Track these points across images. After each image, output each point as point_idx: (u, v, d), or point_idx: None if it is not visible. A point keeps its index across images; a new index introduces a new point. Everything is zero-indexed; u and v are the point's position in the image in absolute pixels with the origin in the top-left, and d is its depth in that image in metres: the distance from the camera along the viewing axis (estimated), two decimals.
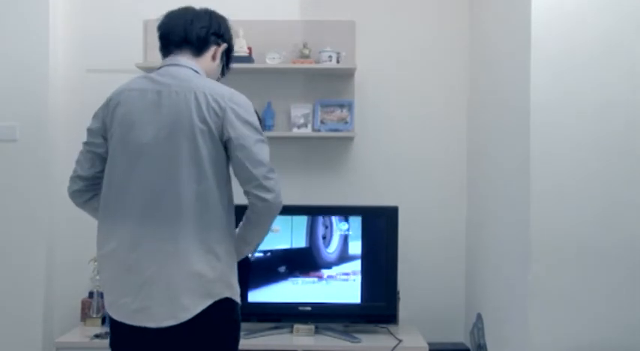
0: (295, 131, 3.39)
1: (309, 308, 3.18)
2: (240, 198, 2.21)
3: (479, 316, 3.16)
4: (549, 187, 2.53)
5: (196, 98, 1.93)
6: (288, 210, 3.21)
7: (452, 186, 3.49)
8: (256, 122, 2.01)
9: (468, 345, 3.28)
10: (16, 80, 3.25)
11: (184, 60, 2.05)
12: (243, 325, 3.13)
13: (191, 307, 1.89)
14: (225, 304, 1.95)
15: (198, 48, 2.08)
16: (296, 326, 3.15)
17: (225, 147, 1.96)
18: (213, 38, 2.12)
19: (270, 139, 3.40)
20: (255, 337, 3.10)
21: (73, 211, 2.20)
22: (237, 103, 1.98)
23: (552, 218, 2.53)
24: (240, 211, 3.23)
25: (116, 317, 1.95)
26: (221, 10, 2.87)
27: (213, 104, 1.93)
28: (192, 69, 2.04)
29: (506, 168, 2.84)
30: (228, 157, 1.98)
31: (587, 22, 2.53)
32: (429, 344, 3.04)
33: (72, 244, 3.37)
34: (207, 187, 1.92)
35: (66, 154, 3.38)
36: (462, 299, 3.47)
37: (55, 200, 3.34)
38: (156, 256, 1.90)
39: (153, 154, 1.92)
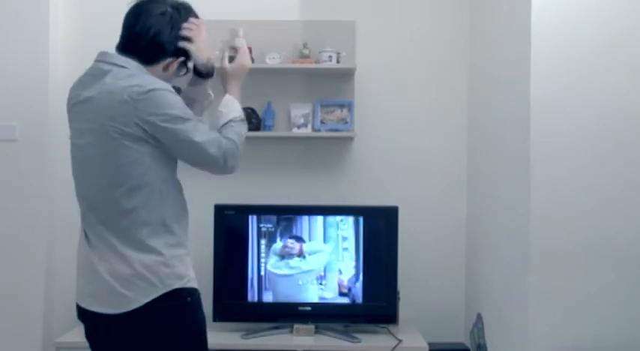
0: (295, 131, 3.39)
1: (309, 308, 3.18)
2: (244, 198, 2.21)
3: (479, 316, 3.16)
4: (549, 188, 2.53)
5: (110, 101, 1.87)
6: (289, 210, 3.25)
7: (452, 186, 3.49)
8: (172, 112, 1.89)
9: (468, 345, 3.28)
10: (16, 80, 3.25)
11: (116, 57, 1.97)
12: (244, 325, 3.18)
13: (133, 298, 1.89)
14: (175, 294, 1.93)
15: (145, 60, 1.97)
16: (296, 326, 3.15)
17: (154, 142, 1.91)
18: (166, 53, 1.98)
19: (270, 139, 3.45)
20: (255, 337, 3.10)
21: (73, 211, 2.20)
22: (150, 102, 1.88)
23: (552, 219, 2.53)
24: (247, 211, 3.24)
25: (76, 299, 2.02)
26: (222, 11, 2.87)
27: (125, 106, 1.85)
28: (117, 65, 1.94)
29: (507, 169, 2.84)
30: (159, 153, 1.93)
31: (588, 19, 2.53)
32: (429, 344, 3.04)
33: (72, 243, 3.32)
34: (130, 188, 1.89)
35: (66, 154, 3.38)
36: (462, 299, 3.47)
37: (55, 200, 3.34)
38: (99, 252, 1.94)
39: (86, 161, 1.96)
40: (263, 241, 3.19)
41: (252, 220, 3.20)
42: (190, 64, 2.09)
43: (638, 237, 2.52)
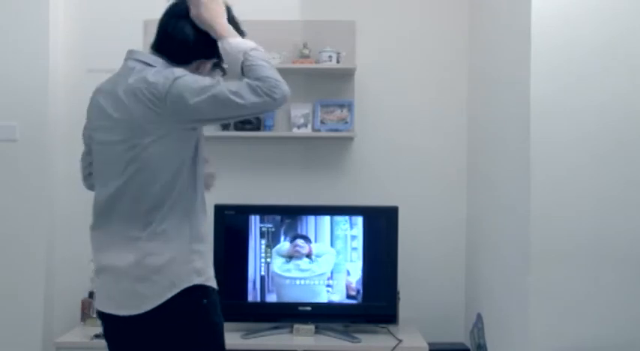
0: (295, 131, 3.39)
1: (309, 308, 3.18)
2: (244, 198, 2.20)
3: (479, 316, 3.16)
4: (549, 188, 2.53)
5: (136, 98, 1.85)
6: (288, 210, 3.25)
7: (452, 186, 3.49)
8: (197, 86, 1.83)
9: (468, 345, 3.28)
10: (16, 80, 3.25)
11: (142, 55, 1.95)
12: (244, 325, 3.18)
13: (151, 298, 1.86)
14: (192, 294, 1.90)
15: (175, 60, 1.94)
16: (296, 326, 3.15)
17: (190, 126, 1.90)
18: (198, 54, 1.96)
19: (270, 139, 3.45)
20: (255, 337, 3.10)
21: (73, 211, 2.21)
22: (176, 93, 1.84)
23: (552, 219, 2.53)
24: (247, 211, 3.24)
25: (95, 302, 2.03)
26: None
27: (153, 102, 1.83)
28: (144, 62, 1.92)
29: (507, 169, 2.84)
30: (189, 148, 1.91)
31: (588, 19, 2.52)
32: (429, 344, 3.04)
33: (72, 243, 3.36)
34: (162, 183, 1.88)
35: (66, 154, 3.39)
36: (462, 299, 3.47)
37: (55, 200, 3.34)
38: (110, 248, 1.92)
39: (112, 159, 1.92)
40: (263, 241, 3.19)
41: (252, 220, 3.20)
42: (224, 66, 2.02)
43: (638, 237, 2.52)
